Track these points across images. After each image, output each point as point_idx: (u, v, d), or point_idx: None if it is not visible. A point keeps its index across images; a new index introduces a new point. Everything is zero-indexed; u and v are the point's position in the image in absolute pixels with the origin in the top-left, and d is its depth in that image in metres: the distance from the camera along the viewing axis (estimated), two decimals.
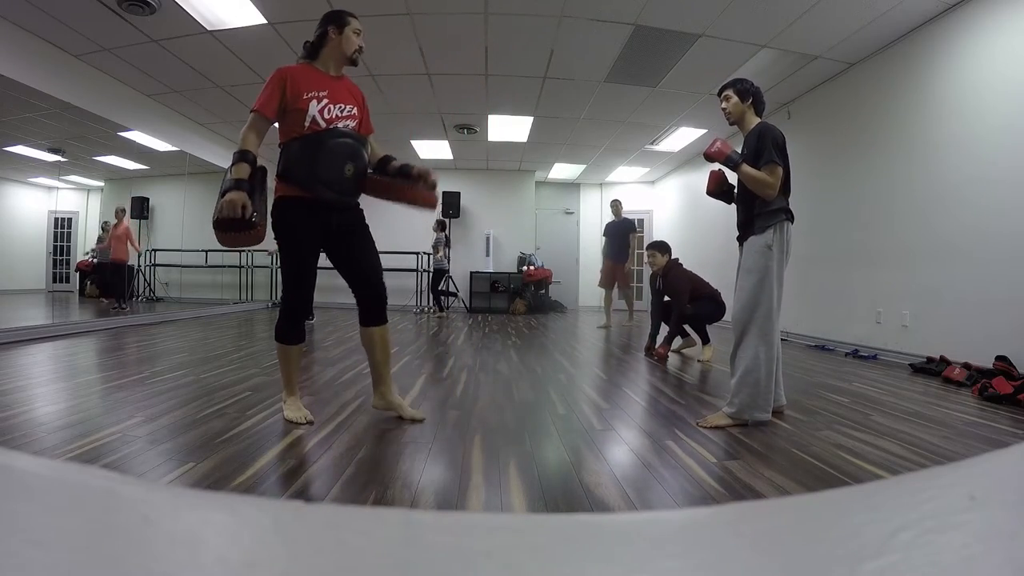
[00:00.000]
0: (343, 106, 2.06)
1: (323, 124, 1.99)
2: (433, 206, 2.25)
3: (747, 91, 2.33)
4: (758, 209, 2.26)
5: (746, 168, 2.23)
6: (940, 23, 3.86)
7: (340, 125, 2.03)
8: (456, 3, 3.97)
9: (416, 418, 2.15)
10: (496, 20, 4.23)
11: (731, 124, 2.41)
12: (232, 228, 1.94)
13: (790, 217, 2.28)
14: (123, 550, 0.19)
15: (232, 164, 1.97)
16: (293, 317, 2.12)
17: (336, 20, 2.11)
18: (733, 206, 2.47)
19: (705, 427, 2.14)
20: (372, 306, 2.15)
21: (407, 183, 2.17)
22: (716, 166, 2.42)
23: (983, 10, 3.52)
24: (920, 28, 4.02)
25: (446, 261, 8.02)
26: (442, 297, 8.05)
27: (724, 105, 2.37)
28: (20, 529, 0.19)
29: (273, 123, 2.02)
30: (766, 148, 2.20)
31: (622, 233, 6.61)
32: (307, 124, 1.98)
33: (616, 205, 6.94)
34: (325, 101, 2.01)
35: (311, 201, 2.00)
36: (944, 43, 3.83)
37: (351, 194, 2.09)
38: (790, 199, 2.32)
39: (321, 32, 2.12)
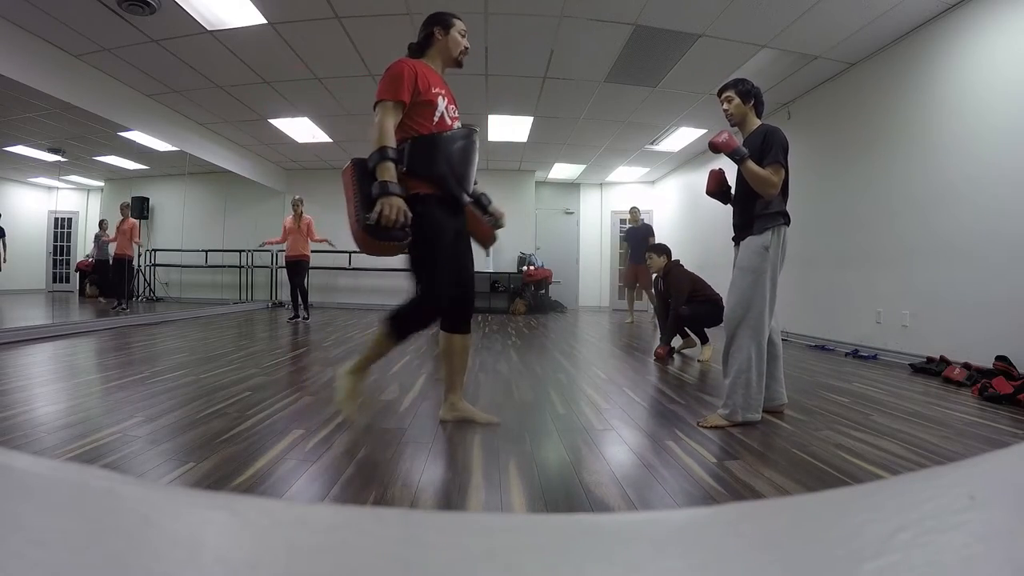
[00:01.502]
0: (454, 108, 2.05)
1: (449, 122, 1.97)
2: (490, 244, 2.26)
3: (749, 92, 2.32)
4: (758, 211, 2.25)
5: (751, 164, 2.21)
6: (940, 23, 3.86)
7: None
8: (456, 3, 3.96)
9: (492, 422, 2.10)
10: (496, 20, 4.23)
11: (732, 125, 2.40)
12: (388, 236, 1.79)
13: (787, 221, 2.28)
14: (123, 550, 0.19)
15: (372, 163, 1.82)
16: (434, 315, 1.97)
17: (442, 21, 2.07)
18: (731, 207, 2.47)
19: (705, 427, 2.14)
20: (464, 313, 2.10)
21: (478, 213, 2.17)
22: (717, 166, 2.42)
23: (983, 10, 3.52)
24: (920, 28, 4.02)
25: None
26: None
27: (726, 106, 2.35)
28: (20, 529, 0.19)
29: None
30: (772, 149, 2.20)
31: (641, 237, 7.23)
32: (436, 119, 1.93)
33: (635, 212, 7.60)
34: (447, 100, 1.99)
35: (448, 199, 1.96)
36: (944, 43, 3.82)
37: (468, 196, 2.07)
38: (787, 203, 2.32)
39: (427, 33, 2.08)
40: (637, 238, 7.32)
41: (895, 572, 0.19)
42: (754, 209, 2.27)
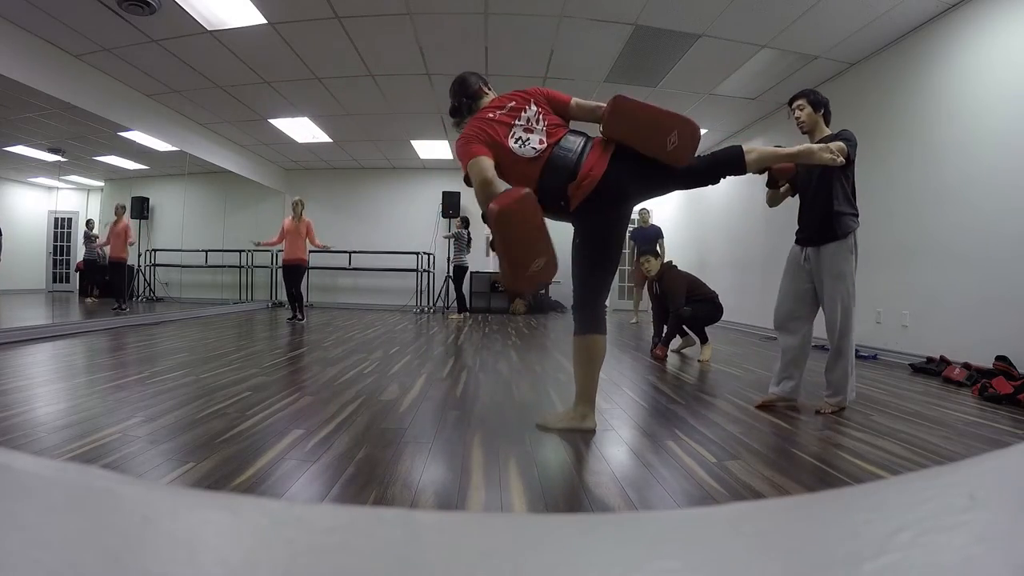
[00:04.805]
0: (540, 115, 2.34)
1: (523, 142, 2.24)
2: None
3: (820, 102, 2.47)
4: (837, 207, 2.35)
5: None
6: (940, 23, 3.86)
7: None
8: (456, 3, 3.97)
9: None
10: (496, 20, 4.23)
11: (804, 133, 2.52)
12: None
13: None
14: (123, 550, 0.19)
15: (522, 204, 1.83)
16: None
17: (479, 81, 2.41)
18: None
19: (825, 413, 2.35)
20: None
21: None
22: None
23: (983, 10, 3.52)
24: (920, 28, 4.02)
25: (465, 258, 7.77)
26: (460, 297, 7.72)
27: (798, 114, 2.49)
28: (20, 529, 0.19)
29: None
30: (851, 141, 2.33)
31: (651, 238, 7.31)
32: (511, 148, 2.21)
33: (644, 213, 7.69)
34: (516, 123, 2.27)
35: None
36: (944, 43, 3.82)
37: None
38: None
39: (474, 91, 2.39)
40: (647, 239, 7.31)
41: (895, 572, 0.19)
42: (832, 205, 2.35)
